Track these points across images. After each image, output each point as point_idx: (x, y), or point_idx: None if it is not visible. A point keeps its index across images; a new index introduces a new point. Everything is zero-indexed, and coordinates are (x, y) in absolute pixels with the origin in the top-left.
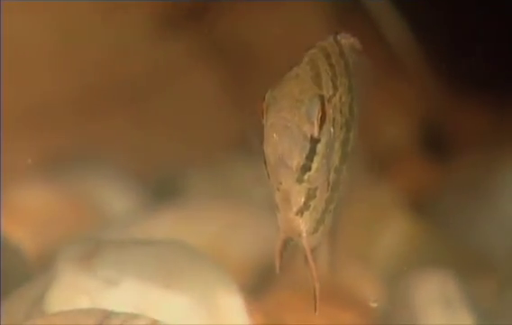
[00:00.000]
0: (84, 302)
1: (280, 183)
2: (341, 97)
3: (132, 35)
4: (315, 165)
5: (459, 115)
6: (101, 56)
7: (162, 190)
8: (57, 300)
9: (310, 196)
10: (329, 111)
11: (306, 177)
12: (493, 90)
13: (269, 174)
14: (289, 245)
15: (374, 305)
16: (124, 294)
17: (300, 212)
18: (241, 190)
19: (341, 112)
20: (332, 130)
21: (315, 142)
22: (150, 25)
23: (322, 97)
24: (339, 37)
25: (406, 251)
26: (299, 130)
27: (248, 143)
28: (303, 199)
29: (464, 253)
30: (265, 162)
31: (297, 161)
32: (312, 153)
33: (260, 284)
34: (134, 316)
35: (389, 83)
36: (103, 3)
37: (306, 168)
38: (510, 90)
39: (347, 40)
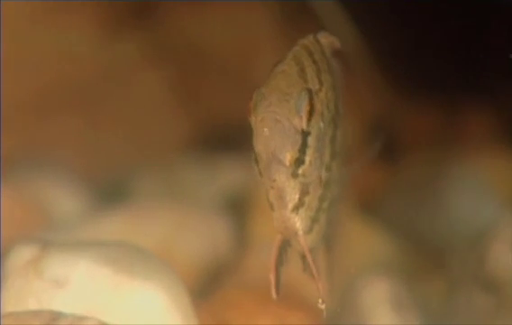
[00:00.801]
0: (31, 304)
1: (274, 181)
2: (326, 93)
3: (81, 36)
4: (308, 158)
5: (408, 115)
6: (49, 57)
7: (111, 191)
8: (5, 301)
9: (304, 192)
10: (317, 104)
11: (300, 171)
12: (441, 91)
13: (261, 173)
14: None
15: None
16: (73, 295)
17: (296, 209)
18: (189, 192)
19: (327, 107)
20: (321, 124)
21: (305, 135)
22: (98, 26)
23: (309, 91)
24: (319, 36)
25: (355, 251)
26: (290, 124)
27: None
28: (297, 196)
29: (413, 254)
30: (256, 161)
31: (290, 155)
32: (304, 147)
33: (207, 285)
34: (82, 318)
35: None
36: (49, 3)
37: (299, 162)
38: (458, 91)
39: (326, 38)
